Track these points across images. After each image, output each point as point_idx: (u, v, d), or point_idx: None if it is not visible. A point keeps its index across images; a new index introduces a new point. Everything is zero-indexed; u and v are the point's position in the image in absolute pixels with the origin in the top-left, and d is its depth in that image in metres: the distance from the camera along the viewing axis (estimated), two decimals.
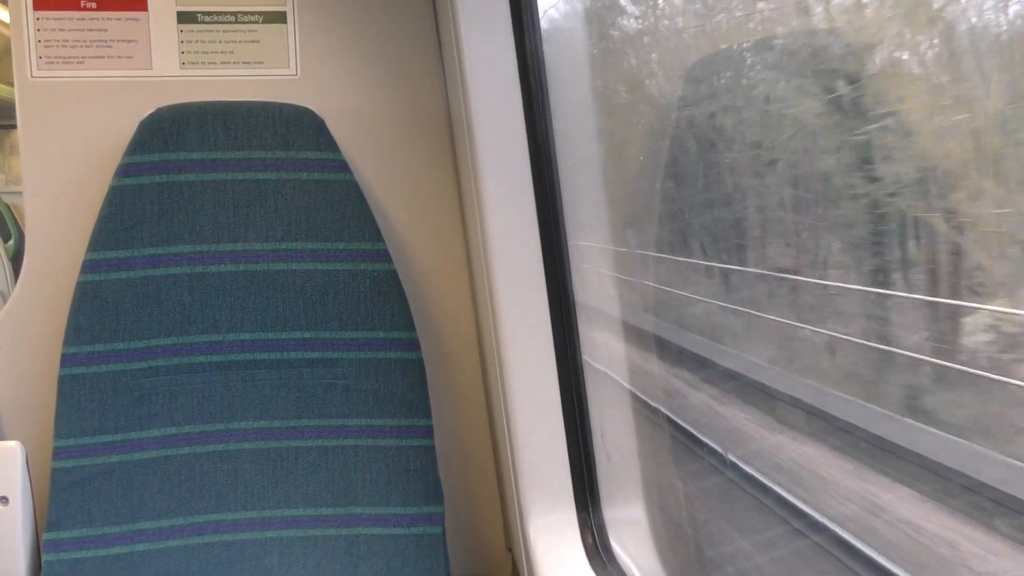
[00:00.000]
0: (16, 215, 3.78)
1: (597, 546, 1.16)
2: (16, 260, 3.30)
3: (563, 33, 1.25)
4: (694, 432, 1.50)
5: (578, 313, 1.17)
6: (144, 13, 1.25)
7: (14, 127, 1.30)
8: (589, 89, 1.30)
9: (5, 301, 1.28)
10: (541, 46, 1.14)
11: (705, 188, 1.34)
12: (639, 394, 1.30)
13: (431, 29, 1.29)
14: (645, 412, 1.33)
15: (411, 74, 1.30)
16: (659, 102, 1.43)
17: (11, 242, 3.60)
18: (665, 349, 1.53)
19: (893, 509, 1.11)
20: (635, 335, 1.35)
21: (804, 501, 1.28)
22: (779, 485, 1.32)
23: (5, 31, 3.74)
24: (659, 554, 1.23)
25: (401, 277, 1.23)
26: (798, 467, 1.34)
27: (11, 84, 1.23)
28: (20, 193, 1.32)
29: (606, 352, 1.22)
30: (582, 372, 1.19)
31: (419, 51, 1.30)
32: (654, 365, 1.43)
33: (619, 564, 1.16)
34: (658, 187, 1.32)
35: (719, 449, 1.46)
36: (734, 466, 1.42)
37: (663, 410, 1.39)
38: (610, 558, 1.16)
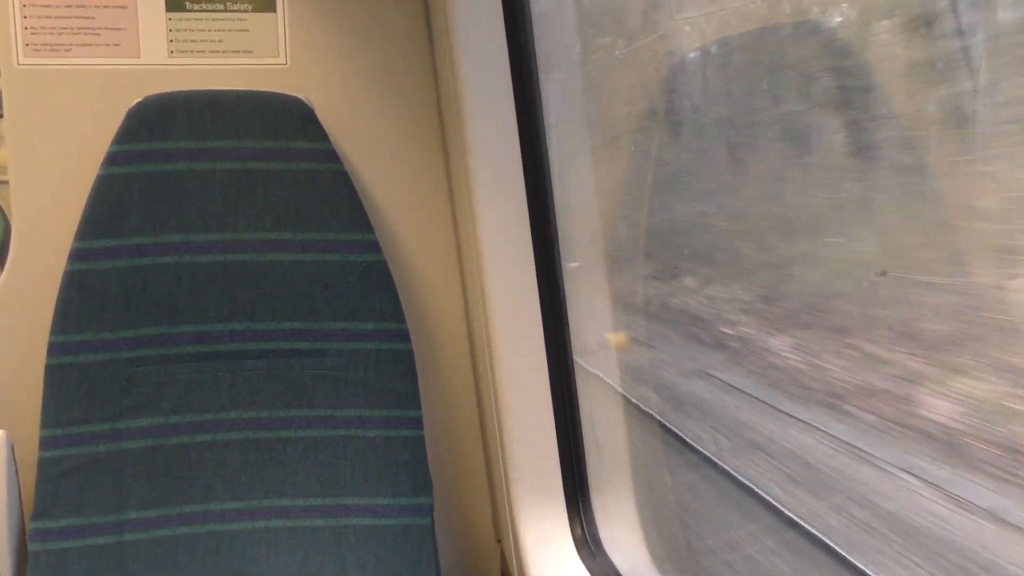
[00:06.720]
0: (2, 205, 3.74)
1: (586, 537, 1.16)
2: (1, 249, 3.28)
3: (555, 21, 1.24)
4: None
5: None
6: (132, 0, 1.24)
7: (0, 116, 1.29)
8: (580, 77, 1.29)
9: None
10: (533, 35, 1.13)
11: None
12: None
13: (422, 18, 1.29)
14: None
15: (402, 64, 1.29)
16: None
17: None
18: None
19: None
20: None
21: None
22: None
23: None
24: (647, 545, 1.24)
25: (391, 268, 1.22)
26: None
27: None
28: (6, 183, 1.31)
29: None
30: (572, 364, 1.19)
31: (410, 41, 1.29)
32: None
33: (607, 555, 1.16)
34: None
35: None
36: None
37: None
38: (599, 549, 1.16)
